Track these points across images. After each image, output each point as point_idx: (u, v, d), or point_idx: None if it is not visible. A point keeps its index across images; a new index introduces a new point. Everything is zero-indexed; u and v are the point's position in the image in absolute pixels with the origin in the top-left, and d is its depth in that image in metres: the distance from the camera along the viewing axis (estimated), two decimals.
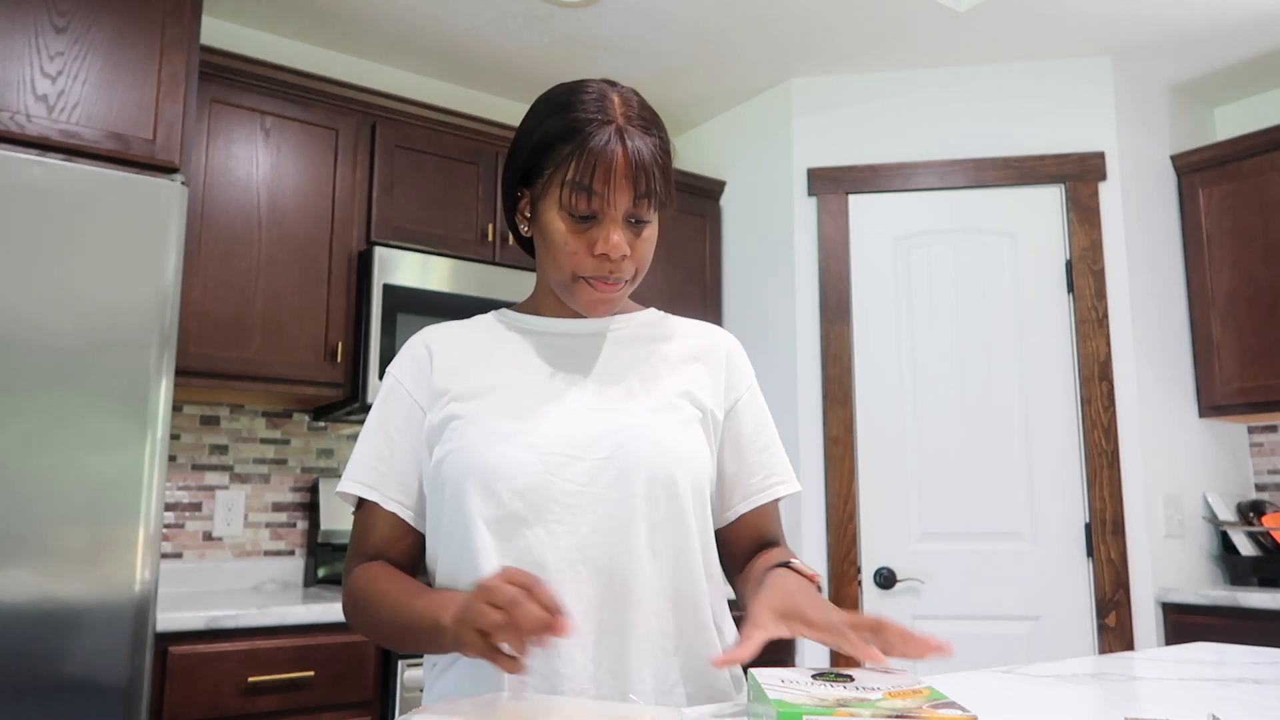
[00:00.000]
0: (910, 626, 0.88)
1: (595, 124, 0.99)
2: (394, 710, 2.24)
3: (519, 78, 3.26)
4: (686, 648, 1.01)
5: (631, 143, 0.99)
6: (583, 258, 1.01)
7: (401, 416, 1.07)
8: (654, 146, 1.01)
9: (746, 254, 3.36)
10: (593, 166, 0.98)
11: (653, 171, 1.00)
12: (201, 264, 2.45)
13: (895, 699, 0.75)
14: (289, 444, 2.87)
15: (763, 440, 1.14)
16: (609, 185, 0.98)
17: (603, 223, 1.00)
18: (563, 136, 1.00)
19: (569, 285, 1.04)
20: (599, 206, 1.00)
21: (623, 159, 0.98)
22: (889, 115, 3.17)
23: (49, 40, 2.08)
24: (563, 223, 1.01)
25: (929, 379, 3.00)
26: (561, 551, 0.97)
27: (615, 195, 0.99)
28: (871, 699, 0.75)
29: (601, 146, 0.98)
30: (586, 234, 1.01)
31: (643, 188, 1.00)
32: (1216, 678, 1.11)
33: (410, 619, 0.94)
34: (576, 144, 0.98)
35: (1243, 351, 2.96)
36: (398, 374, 1.10)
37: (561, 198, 1.00)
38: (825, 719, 0.71)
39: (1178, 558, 2.92)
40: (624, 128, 1.00)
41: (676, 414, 1.06)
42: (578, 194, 0.99)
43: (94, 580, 1.86)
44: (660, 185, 1.01)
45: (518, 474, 0.98)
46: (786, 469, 1.15)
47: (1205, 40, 2.95)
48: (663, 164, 1.02)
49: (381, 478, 1.06)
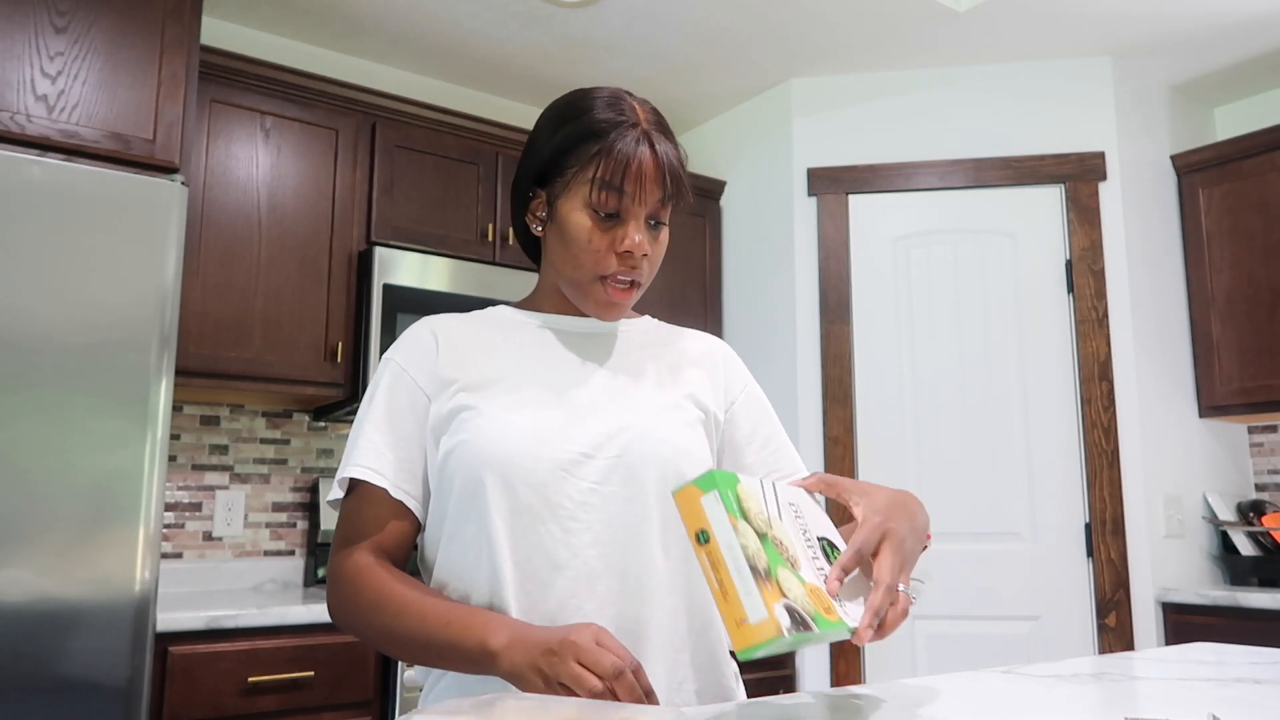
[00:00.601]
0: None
1: (623, 125, 1.02)
2: (394, 710, 2.24)
3: (519, 78, 3.26)
4: (695, 644, 1.02)
5: (660, 146, 1.02)
6: (604, 255, 1.03)
7: (406, 403, 1.05)
8: (673, 150, 1.05)
9: (746, 254, 3.36)
10: (624, 167, 1.00)
11: (680, 175, 1.04)
12: (201, 264, 2.45)
13: (809, 597, 0.79)
14: (289, 444, 2.87)
15: (760, 439, 1.15)
16: (640, 185, 1.01)
17: (626, 222, 1.02)
18: (588, 136, 1.02)
19: (586, 285, 1.05)
20: (626, 206, 1.02)
21: (652, 161, 1.01)
22: (889, 115, 3.17)
23: (49, 40, 2.08)
24: (589, 220, 1.02)
25: (929, 379, 3.00)
26: (575, 549, 0.97)
27: (645, 195, 1.02)
28: (798, 576, 0.81)
29: (633, 148, 1.01)
30: (610, 232, 1.03)
31: (670, 190, 1.03)
32: (1216, 678, 1.11)
33: (443, 636, 0.92)
34: (604, 145, 1.01)
35: (1243, 351, 2.96)
36: (401, 360, 1.07)
37: (590, 196, 1.02)
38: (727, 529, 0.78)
39: (1178, 558, 2.92)
40: (649, 131, 1.03)
41: (682, 414, 1.07)
42: (608, 193, 1.01)
43: (94, 580, 1.86)
44: (684, 187, 1.05)
45: (532, 469, 0.98)
46: (791, 461, 1.15)
47: (1205, 40, 2.95)
48: (682, 167, 1.06)
49: (390, 464, 1.03)
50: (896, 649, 2.88)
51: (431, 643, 0.93)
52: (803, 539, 0.88)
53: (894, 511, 0.93)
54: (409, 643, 0.95)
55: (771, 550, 0.80)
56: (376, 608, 0.97)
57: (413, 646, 0.95)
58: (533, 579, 0.96)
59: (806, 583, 0.81)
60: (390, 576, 0.99)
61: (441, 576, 1.02)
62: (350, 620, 1.01)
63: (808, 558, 0.86)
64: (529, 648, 0.85)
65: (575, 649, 0.82)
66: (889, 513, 0.93)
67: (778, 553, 0.81)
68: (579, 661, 0.82)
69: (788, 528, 0.87)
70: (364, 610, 0.98)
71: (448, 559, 1.02)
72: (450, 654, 0.91)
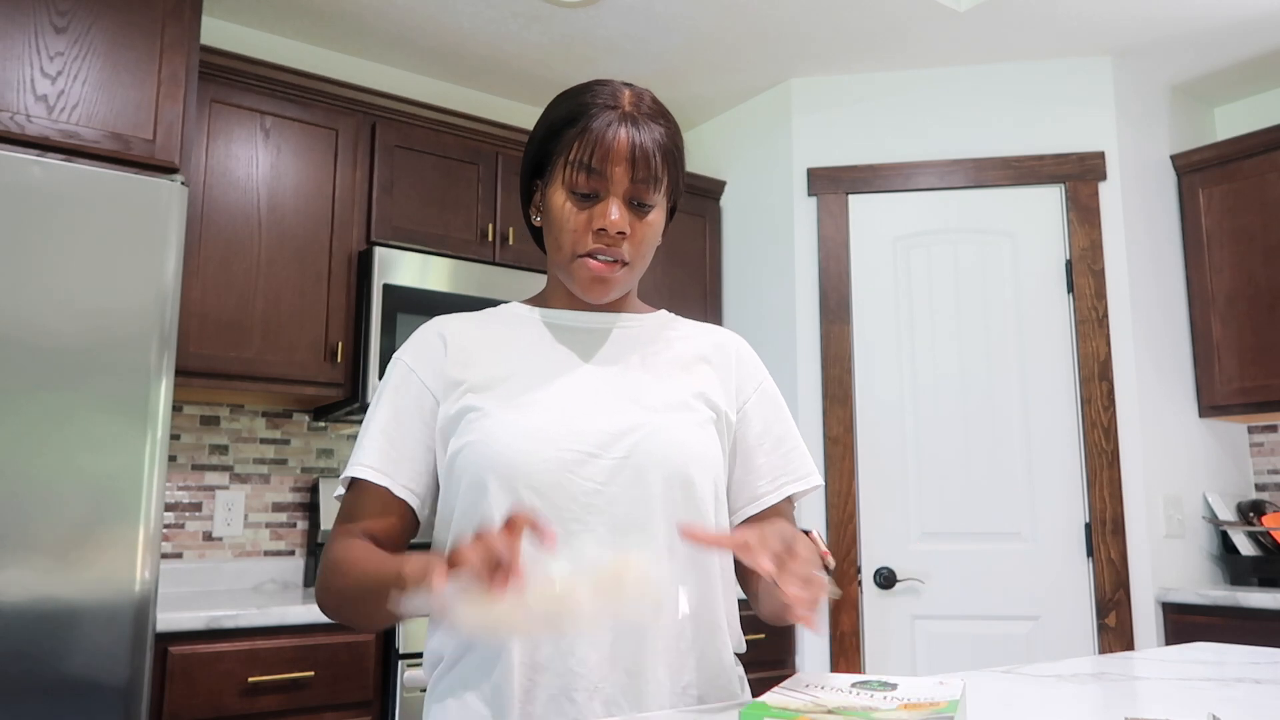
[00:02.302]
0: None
1: (601, 108, 1.03)
2: (394, 710, 2.24)
3: (519, 78, 3.26)
4: (701, 647, 1.02)
5: (632, 127, 1.02)
6: (582, 234, 1.04)
7: (413, 403, 1.06)
8: (659, 133, 1.04)
9: (746, 254, 3.36)
10: (593, 146, 1.01)
11: (652, 155, 1.03)
12: (201, 264, 2.45)
13: (905, 710, 0.72)
14: (289, 444, 2.87)
15: (772, 440, 1.13)
16: (608, 163, 1.01)
17: (604, 200, 1.03)
18: (569, 123, 1.04)
19: (569, 265, 1.05)
20: (599, 185, 1.03)
21: (623, 140, 1.01)
22: (889, 115, 3.17)
23: (49, 40, 2.08)
24: (565, 199, 1.04)
25: (929, 379, 3.00)
26: (578, 550, 0.97)
27: (614, 172, 1.02)
28: (881, 706, 0.73)
29: (604, 128, 1.02)
30: (587, 212, 1.04)
31: (642, 171, 1.02)
32: (1216, 678, 1.11)
33: (371, 576, 0.95)
34: (580, 127, 1.03)
35: (1243, 351, 2.96)
36: (409, 361, 1.09)
37: (564, 177, 1.03)
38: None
39: (1178, 558, 2.92)
40: (629, 114, 1.03)
41: (692, 414, 1.06)
42: (579, 172, 1.02)
43: (94, 580, 1.86)
44: (661, 169, 1.04)
45: (537, 471, 0.98)
46: (803, 464, 1.13)
47: (1205, 40, 2.95)
48: (666, 149, 1.05)
49: (394, 464, 1.04)
50: (896, 649, 2.88)
51: (365, 588, 0.95)
52: (850, 690, 0.81)
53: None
54: (354, 599, 0.98)
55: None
56: (337, 573, 1.00)
57: (357, 601, 0.97)
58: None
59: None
60: (357, 545, 1.01)
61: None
62: (323, 598, 1.03)
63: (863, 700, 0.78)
64: (429, 559, 0.86)
65: (456, 553, 0.81)
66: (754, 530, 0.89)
67: None
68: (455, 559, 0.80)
69: (836, 696, 0.78)
70: (330, 577, 1.02)
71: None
72: (378, 592, 0.91)
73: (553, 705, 0.94)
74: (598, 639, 0.96)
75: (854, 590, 2.92)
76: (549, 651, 0.95)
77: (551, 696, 0.95)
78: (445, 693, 1.01)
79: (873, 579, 2.92)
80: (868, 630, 2.90)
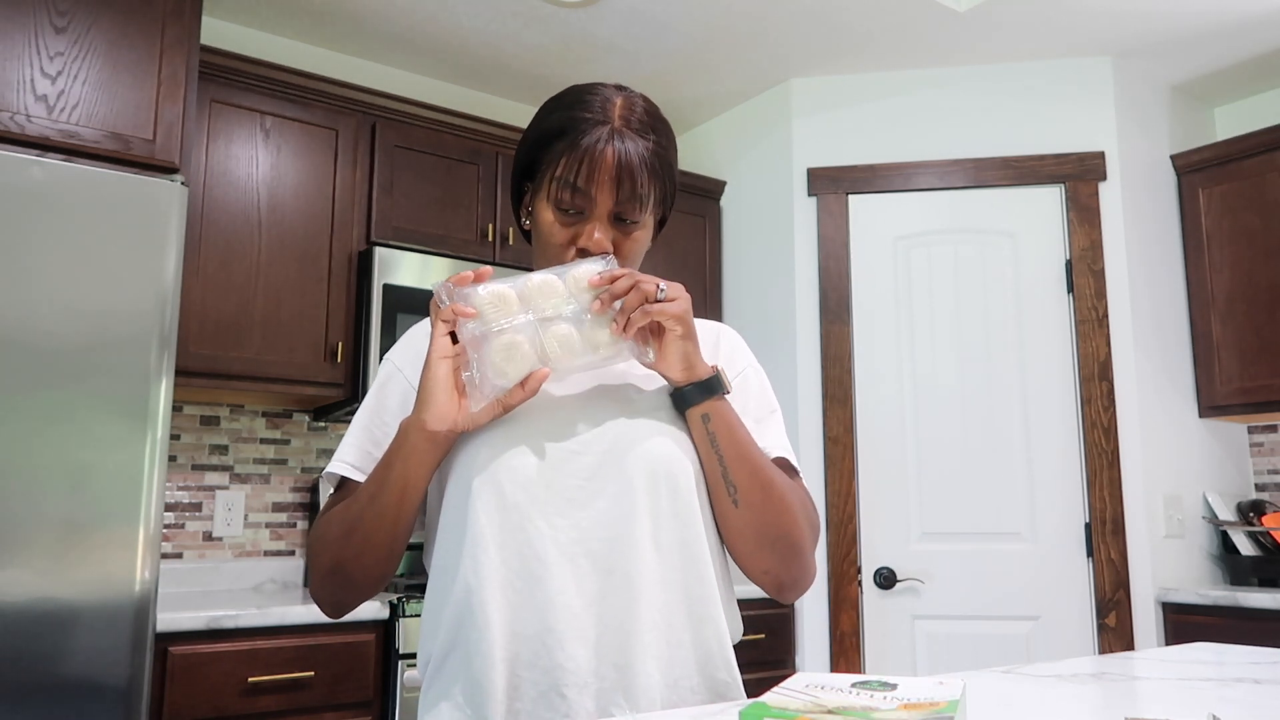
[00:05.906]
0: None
1: (590, 123, 1.02)
2: (394, 710, 2.24)
3: (519, 78, 3.26)
4: (692, 641, 1.01)
5: (621, 144, 1.02)
6: (564, 251, 1.04)
7: (397, 403, 1.08)
8: (646, 149, 1.03)
9: (746, 254, 3.36)
10: (579, 164, 1.01)
11: (639, 174, 1.02)
12: (201, 264, 2.45)
13: (905, 711, 0.73)
14: (289, 444, 2.87)
15: (750, 420, 1.10)
16: (593, 183, 1.01)
17: (588, 218, 1.03)
18: (559, 134, 1.04)
19: None
20: (584, 204, 1.03)
21: (610, 159, 1.01)
22: (889, 115, 3.17)
23: (49, 40, 2.08)
24: (552, 215, 1.05)
25: (929, 379, 3.00)
26: (562, 545, 0.97)
27: (599, 194, 1.02)
28: (881, 706, 0.73)
29: (590, 145, 1.01)
30: (572, 228, 1.04)
31: (627, 190, 1.02)
32: (1216, 678, 1.11)
33: (375, 476, 1.00)
34: (569, 142, 1.02)
35: (1243, 351, 2.96)
36: (397, 361, 1.11)
37: (550, 193, 1.04)
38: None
39: (1178, 558, 2.92)
40: (619, 129, 1.03)
41: (675, 409, 1.06)
42: (563, 189, 1.03)
43: (94, 580, 1.86)
44: (648, 186, 1.04)
45: (520, 467, 0.99)
46: (768, 437, 1.10)
47: (1205, 40, 2.95)
48: (653, 166, 1.04)
49: (373, 460, 1.06)
50: (896, 649, 2.88)
51: (375, 490, 0.99)
52: None
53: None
54: (358, 518, 1.00)
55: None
56: (332, 521, 1.04)
57: (365, 519, 0.99)
58: (521, 576, 0.96)
59: None
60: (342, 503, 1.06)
61: (434, 574, 1.04)
62: (319, 559, 1.04)
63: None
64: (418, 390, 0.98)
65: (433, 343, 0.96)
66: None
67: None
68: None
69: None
70: (328, 529, 1.04)
71: (441, 558, 1.03)
72: (388, 478, 0.98)
73: (543, 701, 0.94)
74: (583, 633, 0.95)
75: (854, 590, 2.92)
76: (535, 647, 0.95)
77: (541, 693, 0.94)
78: (439, 695, 1.01)
79: (873, 579, 2.92)
80: (868, 630, 2.90)
